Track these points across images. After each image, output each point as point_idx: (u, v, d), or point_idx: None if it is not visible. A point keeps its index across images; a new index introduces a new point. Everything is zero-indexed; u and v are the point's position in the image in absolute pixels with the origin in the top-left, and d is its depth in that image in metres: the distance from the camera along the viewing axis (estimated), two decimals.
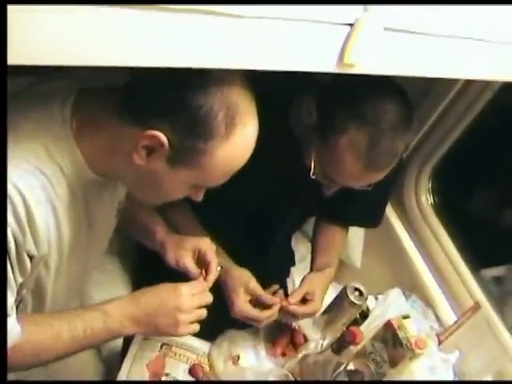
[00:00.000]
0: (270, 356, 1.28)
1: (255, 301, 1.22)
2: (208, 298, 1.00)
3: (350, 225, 1.55)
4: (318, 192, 1.20)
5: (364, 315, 1.38)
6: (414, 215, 1.76)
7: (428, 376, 1.26)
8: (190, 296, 0.96)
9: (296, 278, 1.66)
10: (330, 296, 1.36)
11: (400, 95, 1.05)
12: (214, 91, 0.75)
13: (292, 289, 1.59)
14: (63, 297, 1.01)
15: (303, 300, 1.27)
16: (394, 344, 1.18)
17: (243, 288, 1.20)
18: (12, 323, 0.83)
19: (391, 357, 1.19)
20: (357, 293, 1.27)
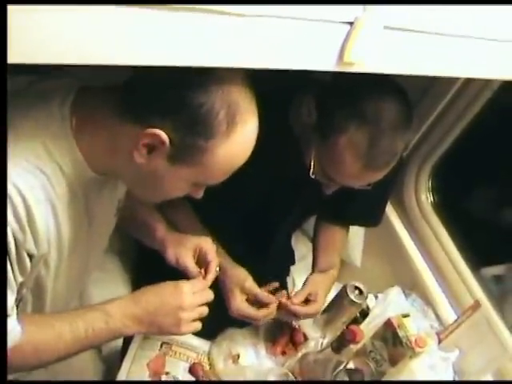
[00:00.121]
0: (270, 355, 1.28)
1: (253, 299, 1.22)
2: (209, 296, 1.00)
3: (351, 224, 1.55)
4: (318, 191, 1.20)
5: (364, 314, 1.38)
6: (414, 214, 1.75)
7: (428, 374, 1.26)
8: (192, 294, 0.96)
9: (296, 277, 1.66)
10: (330, 295, 1.36)
11: (400, 94, 1.05)
12: (215, 90, 0.75)
13: (292, 288, 1.59)
14: (63, 296, 1.01)
15: (306, 300, 1.27)
16: (394, 343, 1.18)
17: (240, 287, 1.20)
18: (12, 323, 0.83)
19: (391, 355, 1.19)
20: (357, 291, 1.27)
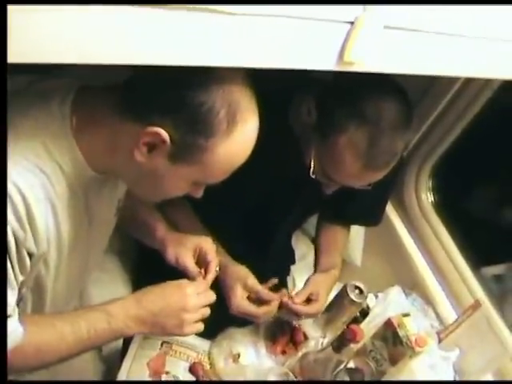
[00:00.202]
0: (271, 354, 1.28)
1: (254, 297, 1.21)
2: (212, 297, 1.00)
3: (351, 223, 1.55)
4: (318, 191, 1.20)
5: (364, 313, 1.38)
6: (414, 213, 1.75)
7: (428, 374, 1.26)
8: (196, 295, 0.97)
9: (296, 277, 1.66)
10: (331, 294, 1.36)
11: (400, 94, 1.05)
12: (216, 89, 0.76)
13: (292, 287, 1.59)
14: (63, 295, 1.01)
15: (307, 300, 1.27)
16: (394, 342, 1.18)
17: (241, 284, 1.20)
18: (14, 324, 0.83)
19: (391, 355, 1.19)
20: (357, 291, 1.27)
